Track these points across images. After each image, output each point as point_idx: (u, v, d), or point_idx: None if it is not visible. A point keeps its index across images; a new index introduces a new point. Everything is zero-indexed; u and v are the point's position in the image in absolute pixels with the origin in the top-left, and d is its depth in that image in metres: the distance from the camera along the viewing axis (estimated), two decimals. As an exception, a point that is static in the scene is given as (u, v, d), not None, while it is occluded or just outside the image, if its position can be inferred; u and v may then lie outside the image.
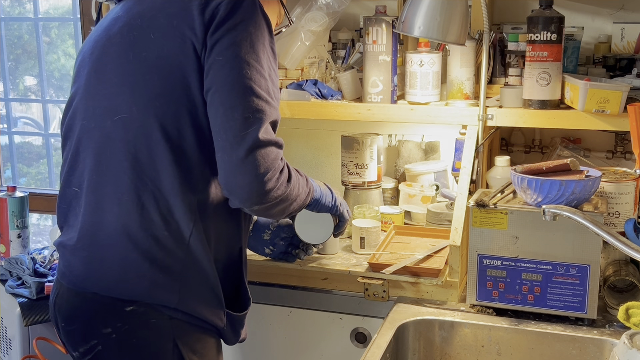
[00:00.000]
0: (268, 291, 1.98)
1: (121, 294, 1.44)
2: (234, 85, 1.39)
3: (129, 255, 1.43)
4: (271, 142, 1.42)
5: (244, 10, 1.42)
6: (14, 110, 3.32)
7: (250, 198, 1.42)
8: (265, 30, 1.45)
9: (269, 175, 1.40)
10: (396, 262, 1.83)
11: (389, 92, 2.00)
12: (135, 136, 1.43)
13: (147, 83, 1.43)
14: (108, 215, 1.45)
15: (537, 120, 1.88)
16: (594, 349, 1.62)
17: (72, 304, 1.49)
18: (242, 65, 1.39)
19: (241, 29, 1.40)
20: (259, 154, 1.39)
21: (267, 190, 1.42)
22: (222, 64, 1.39)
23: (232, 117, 1.38)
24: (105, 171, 1.46)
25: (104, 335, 1.44)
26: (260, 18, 1.44)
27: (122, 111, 1.44)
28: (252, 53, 1.41)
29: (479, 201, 1.71)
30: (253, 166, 1.38)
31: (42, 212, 3.04)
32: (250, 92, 1.39)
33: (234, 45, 1.39)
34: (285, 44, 2.17)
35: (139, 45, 1.45)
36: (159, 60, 1.43)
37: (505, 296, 1.72)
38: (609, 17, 2.18)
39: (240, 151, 1.38)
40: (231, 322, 1.56)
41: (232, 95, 1.39)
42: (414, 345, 1.74)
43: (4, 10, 3.19)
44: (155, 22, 1.45)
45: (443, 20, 1.76)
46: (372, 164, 2.15)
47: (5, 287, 2.20)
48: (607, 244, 1.62)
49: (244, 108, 1.38)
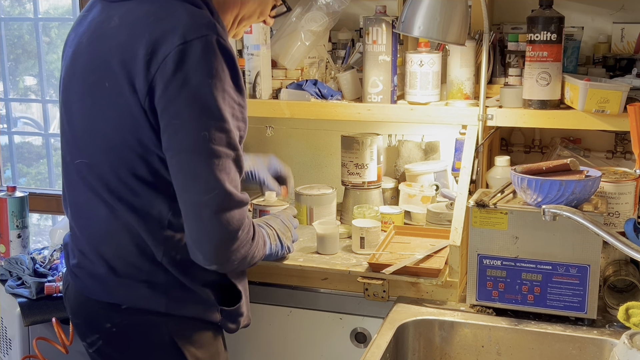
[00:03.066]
0: (268, 291, 1.98)
1: (115, 301, 1.50)
2: (193, 152, 1.33)
3: (111, 274, 1.49)
4: (233, 204, 1.37)
5: (195, 60, 1.31)
6: (14, 110, 3.32)
7: (211, 261, 1.41)
8: (224, 71, 1.34)
9: (231, 238, 1.39)
10: (396, 262, 1.83)
11: (389, 92, 2.00)
12: (96, 179, 1.45)
13: (105, 133, 1.41)
14: (88, 242, 1.52)
15: (537, 120, 1.88)
16: (594, 349, 1.62)
17: (77, 301, 1.57)
18: (200, 128, 1.33)
19: (195, 84, 1.31)
20: (222, 218, 1.36)
21: (229, 254, 1.40)
22: (176, 128, 1.33)
23: (193, 184, 1.35)
24: (80, 201, 1.52)
25: (106, 330, 1.51)
26: (215, 60, 1.33)
27: (85, 155, 1.46)
28: (209, 110, 1.33)
29: (479, 201, 1.71)
30: (215, 231, 1.36)
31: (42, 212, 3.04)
32: (210, 155, 1.34)
33: (188, 106, 1.32)
34: (285, 44, 2.17)
35: (96, 92, 1.41)
36: (114, 112, 1.39)
37: (505, 296, 1.72)
38: (609, 17, 2.18)
39: (202, 217, 1.36)
40: (226, 316, 1.57)
41: (192, 162, 1.34)
42: (414, 345, 1.74)
43: (4, 10, 3.19)
44: (110, 70, 1.38)
45: (443, 20, 1.76)
46: (372, 164, 2.15)
47: (5, 287, 2.20)
48: (607, 244, 1.62)
49: (205, 175, 1.34)
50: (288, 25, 2.18)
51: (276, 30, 2.23)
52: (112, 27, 1.41)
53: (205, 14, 1.38)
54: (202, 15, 1.37)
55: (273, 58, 2.16)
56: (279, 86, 2.15)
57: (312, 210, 2.16)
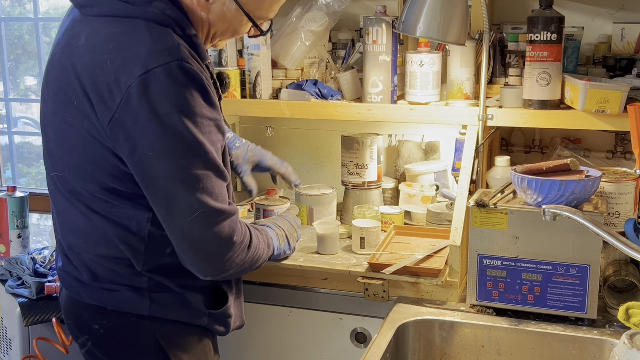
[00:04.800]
0: (268, 291, 1.98)
1: (100, 303, 1.50)
2: (173, 181, 1.32)
3: (93, 280, 1.49)
4: (219, 218, 1.36)
5: (159, 89, 1.28)
6: (14, 110, 3.32)
7: (207, 274, 1.42)
8: (192, 96, 1.30)
9: (222, 251, 1.39)
10: (396, 262, 1.83)
11: (389, 92, 2.00)
12: (70, 191, 1.45)
13: (74, 151, 1.40)
14: (69, 249, 1.52)
15: (537, 120, 1.88)
16: (594, 349, 1.62)
17: (67, 302, 1.58)
18: (176, 158, 1.30)
19: (164, 114, 1.28)
20: (210, 234, 1.36)
21: (223, 265, 1.41)
22: (151, 159, 1.31)
23: (176, 211, 1.34)
24: (59, 210, 1.52)
25: (94, 331, 1.52)
26: (179, 87, 1.29)
27: (59, 169, 1.46)
28: (182, 138, 1.30)
29: (479, 201, 1.71)
30: (205, 247, 1.37)
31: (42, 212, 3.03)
32: (190, 182, 1.32)
33: (161, 137, 1.29)
34: (285, 44, 2.17)
35: (65, 110, 1.39)
36: (81, 132, 1.37)
37: (505, 296, 1.72)
38: (609, 17, 2.18)
39: (190, 238, 1.36)
40: (213, 319, 1.55)
41: (171, 190, 1.32)
42: (414, 345, 1.74)
43: (4, 10, 3.19)
44: (76, 92, 1.36)
45: (443, 20, 1.76)
46: (372, 164, 2.15)
47: (5, 287, 2.20)
48: (607, 244, 1.62)
49: (188, 201, 1.33)
50: (288, 25, 2.18)
51: (276, 30, 2.23)
52: (79, 46, 1.38)
53: (167, 37, 1.33)
54: (165, 39, 1.32)
55: (273, 58, 2.16)
56: (279, 86, 2.15)
57: (312, 210, 2.16)
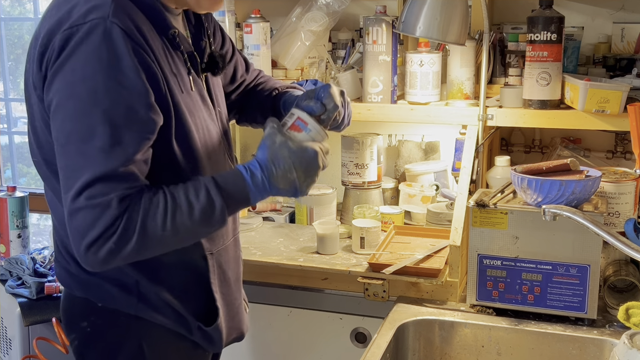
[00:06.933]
0: (268, 291, 1.98)
1: (91, 297, 1.44)
2: (61, 145, 1.25)
3: (82, 272, 1.41)
4: (82, 206, 1.23)
5: (76, 45, 1.22)
6: (14, 110, 3.32)
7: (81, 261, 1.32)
8: (115, 58, 1.22)
9: (85, 241, 1.25)
10: (396, 262, 1.83)
11: (389, 92, 2.00)
12: (46, 179, 1.41)
13: (35, 130, 1.37)
14: (58, 238, 1.48)
15: (537, 120, 1.88)
16: (594, 349, 1.62)
17: (62, 298, 1.53)
18: (79, 119, 1.23)
19: (78, 70, 1.22)
20: (75, 218, 1.25)
21: (87, 256, 1.26)
22: (61, 118, 1.25)
23: (61, 177, 1.27)
24: (48, 198, 1.48)
25: (82, 329, 1.46)
26: (101, 46, 1.21)
27: (34, 154, 1.42)
28: (92, 99, 1.22)
29: (479, 201, 1.71)
30: (72, 231, 1.27)
31: (42, 212, 3.03)
32: (72, 149, 1.24)
33: (71, 96, 1.23)
34: (285, 44, 2.17)
35: (28, 90, 1.36)
36: (37, 109, 1.34)
37: (505, 296, 1.72)
38: (609, 17, 2.18)
39: (67, 213, 1.28)
40: (203, 334, 1.46)
41: (59, 153, 1.26)
42: (414, 345, 1.74)
43: (4, 10, 3.19)
44: (29, 70, 1.33)
45: (443, 20, 1.76)
46: (372, 164, 2.15)
47: (5, 287, 2.20)
48: (607, 244, 1.62)
49: (65, 169, 1.26)
50: (288, 25, 2.19)
51: (276, 30, 2.23)
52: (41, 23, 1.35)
53: None
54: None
55: (273, 58, 2.16)
56: (279, 86, 2.15)
57: (312, 210, 2.16)
